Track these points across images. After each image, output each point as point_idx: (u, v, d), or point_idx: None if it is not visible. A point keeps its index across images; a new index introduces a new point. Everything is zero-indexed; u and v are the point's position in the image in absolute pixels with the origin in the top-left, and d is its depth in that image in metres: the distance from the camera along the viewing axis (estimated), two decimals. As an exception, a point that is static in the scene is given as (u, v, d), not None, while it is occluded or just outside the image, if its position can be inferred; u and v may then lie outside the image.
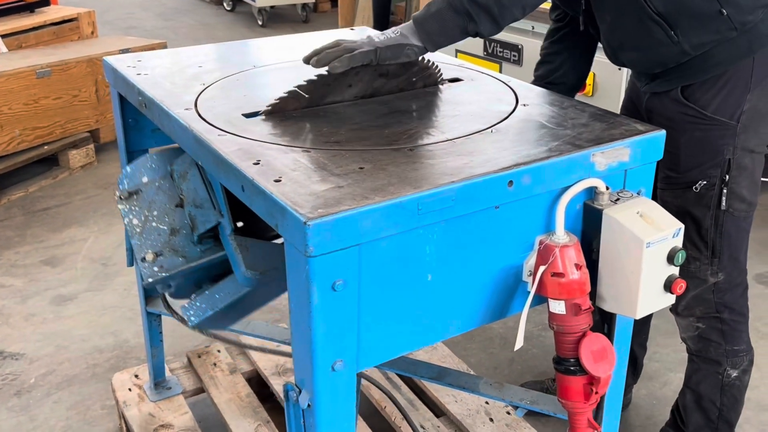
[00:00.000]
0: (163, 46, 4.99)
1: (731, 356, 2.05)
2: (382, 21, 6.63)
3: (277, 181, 1.30)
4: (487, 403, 2.36)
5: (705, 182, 1.85)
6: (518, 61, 3.30)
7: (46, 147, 4.44)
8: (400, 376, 2.45)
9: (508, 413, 2.33)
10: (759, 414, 2.58)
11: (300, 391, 1.32)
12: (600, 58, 2.88)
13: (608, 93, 2.87)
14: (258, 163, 1.37)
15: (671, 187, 1.91)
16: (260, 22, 8.54)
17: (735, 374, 2.07)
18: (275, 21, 8.73)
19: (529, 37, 3.29)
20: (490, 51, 3.43)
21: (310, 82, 1.60)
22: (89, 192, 4.36)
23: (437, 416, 2.36)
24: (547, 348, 2.92)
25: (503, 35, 3.36)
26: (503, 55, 3.37)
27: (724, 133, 1.82)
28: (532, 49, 3.23)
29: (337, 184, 1.29)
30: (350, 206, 1.21)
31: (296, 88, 1.59)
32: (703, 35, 1.74)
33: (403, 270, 1.31)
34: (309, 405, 1.31)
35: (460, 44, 3.62)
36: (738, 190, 1.87)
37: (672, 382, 2.74)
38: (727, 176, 1.85)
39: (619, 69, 2.86)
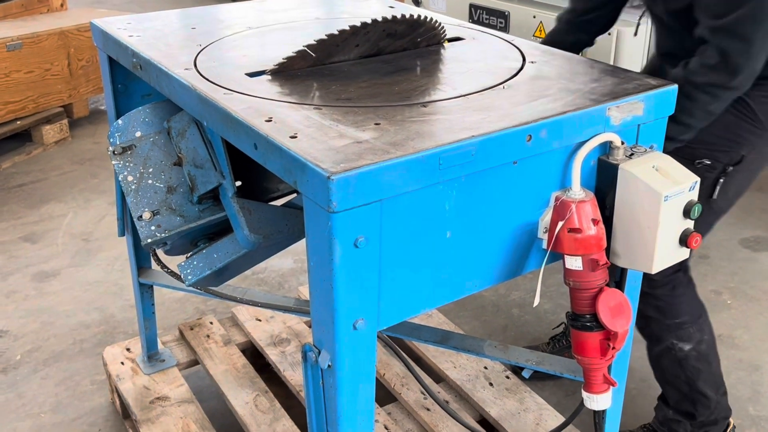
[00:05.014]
0: (136, 18, 4.87)
1: (674, 330, 2.03)
2: None
3: (293, 137, 1.26)
4: (486, 368, 2.36)
5: (708, 163, 1.82)
6: (505, 28, 3.27)
7: (18, 122, 4.32)
8: (397, 342, 2.44)
9: (508, 377, 2.33)
10: (751, 374, 2.61)
11: (319, 352, 1.29)
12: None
13: (598, 58, 2.86)
14: (270, 120, 1.33)
15: (672, 153, 1.89)
16: (231, -4, 8.38)
17: (688, 347, 2.04)
18: (246, -5, 8.58)
19: (516, 3, 3.26)
20: (476, 18, 3.40)
21: (319, 41, 1.56)
22: (65, 168, 4.26)
23: (437, 382, 2.36)
24: (539, 314, 2.93)
25: (489, 1, 3.33)
26: (489, 22, 3.34)
27: (752, 129, 1.81)
28: (519, 15, 3.21)
29: (355, 139, 1.26)
30: (372, 161, 1.18)
31: (305, 48, 1.55)
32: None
33: (423, 227, 1.29)
34: (329, 365, 1.28)
35: (444, 11, 3.58)
36: (729, 188, 1.86)
37: (663, 345, 2.77)
38: (731, 168, 1.83)
39: (609, 34, 2.85)
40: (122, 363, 2.42)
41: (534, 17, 3.11)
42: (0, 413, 2.47)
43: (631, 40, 2.83)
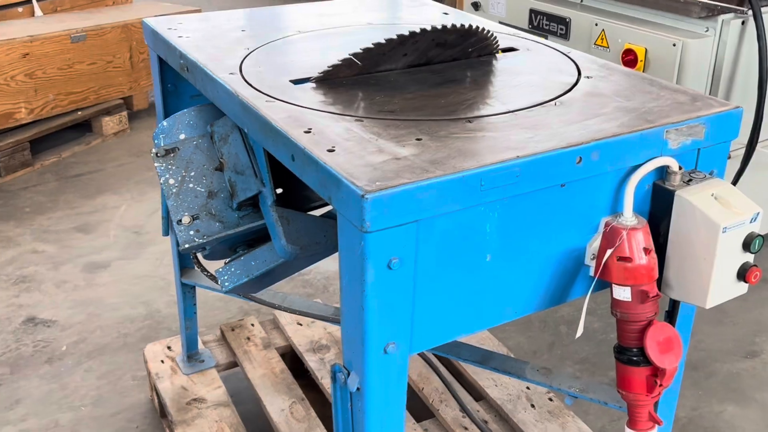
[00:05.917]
0: (199, 12, 4.92)
1: None
2: None
3: (330, 150, 1.22)
4: (528, 388, 2.29)
5: None
6: (565, 35, 3.17)
7: (79, 113, 4.40)
8: (438, 357, 2.38)
9: (551, 399, 2.25)
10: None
11: (349, 374, 1.25)
12: (650, 32, 2.76)
13: (662, 70, 2.75)
14: (309, 132, 1.29)
15: None
16: (294, -8, 8.42)
17: None
18: (309, -9, 8.60)
19: (578, 10, 3.16)
20: (535, 24, 3.31)
21: (366, 50, 1.51)
22: (122, 159, 4.32)
23: (476, 400, 2.29)
24: (588, 333, 2.83)
25: (550, 7, 3.24)
26: (549, 28, 3.24)
27: None
28: (580, 22, 3.10)
29: (394, 155, 1.21)
30: (409, 180, 1.13)
31: (351, 56, 1.50)
32: None
33: (461, 249, 1.23)
34: (358, 388, 1.24)
35: (504, 17, 3.50)
36: None
37: (718, 373, 2.65)
38: None
39: (674, 45, 2.73)
40: (162, 361, 2.43)
41: (596, 25, 3.00)
42: (43, 404, 2.51)
43: (697, 54, 2.71)
